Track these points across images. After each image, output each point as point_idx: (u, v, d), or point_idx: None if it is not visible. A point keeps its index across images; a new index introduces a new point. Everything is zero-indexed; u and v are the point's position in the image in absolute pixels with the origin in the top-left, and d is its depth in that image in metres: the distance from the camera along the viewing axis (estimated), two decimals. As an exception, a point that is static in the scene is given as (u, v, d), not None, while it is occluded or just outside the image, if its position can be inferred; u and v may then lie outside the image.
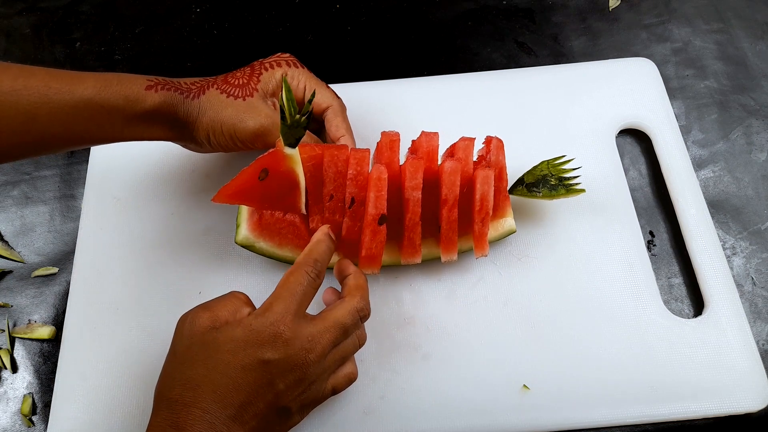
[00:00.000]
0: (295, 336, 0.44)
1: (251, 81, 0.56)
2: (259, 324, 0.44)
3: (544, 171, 0.59)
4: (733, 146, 0.69)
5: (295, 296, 0.46)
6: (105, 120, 0.51)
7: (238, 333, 0.44)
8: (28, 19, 0.80)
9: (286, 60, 0.58)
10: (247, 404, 0.42)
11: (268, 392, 0.43)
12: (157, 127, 0.53)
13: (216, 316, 0.45)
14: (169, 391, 0.43)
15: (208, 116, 0.54)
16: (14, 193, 0.68)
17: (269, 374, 0.43)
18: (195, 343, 0.44)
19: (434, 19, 0.79)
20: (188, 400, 0.41)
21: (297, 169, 0.53)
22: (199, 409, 0.41)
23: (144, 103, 0.51)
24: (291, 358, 0.44)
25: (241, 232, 0.56)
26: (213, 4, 0.81)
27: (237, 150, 0.57)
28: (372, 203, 0.53)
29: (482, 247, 0.56)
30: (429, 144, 0.57)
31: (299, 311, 0.46)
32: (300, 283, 0.46)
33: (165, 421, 0.41)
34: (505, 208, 0.59)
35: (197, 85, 0.55)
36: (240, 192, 0.53)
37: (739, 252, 0.63)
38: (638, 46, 0.76)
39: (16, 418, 0.57)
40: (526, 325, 0.57)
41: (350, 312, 0.48)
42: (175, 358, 0.45)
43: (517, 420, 0.53)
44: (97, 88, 0.50)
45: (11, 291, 0.63)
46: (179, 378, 0.43)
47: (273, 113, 0.55)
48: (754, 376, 0.55)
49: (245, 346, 0.43)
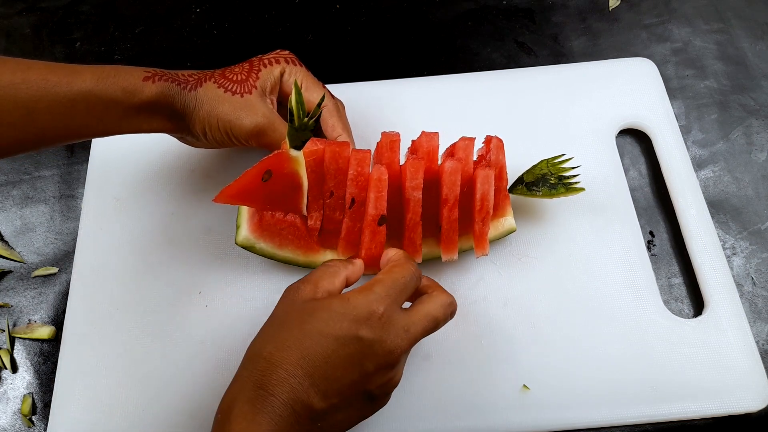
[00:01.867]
0: (391, 321, 0.45)
1: (250, 77, 0.55)
2: (358, 300, 0.44)
3: (544, 170, 0.59)
4: (733, 146, 0.69)
5: (396, 284, 0.46)
6: (103, 112, 0.51)
7: (336, 304, 0.44)
8: (28, 19, 0.80)
9: (285, 57, 0.58)
10: (333, 378, 0.42)
11: (357, 371, 0.43)
12: (155, 119, 0.53)
13: (316, 285, 0.46)
14: (261, 348, 0.43)
15: (205, 110, 0.54)
16: (14, 193, 0.68)
17: (361, 352, 0.43)
18: (295, 309, 0.45)
19: (434, 19, 0.79)
20: (276, 359, 0.42)
21: (300, 171, 0.54)
22: (285, 371, 0.41)
23: (141, 95, 0.51)
24: (385, 343, 0.44)
25: (241, 233, 0.56)
26: (213, 4, 0.81)
27: (232, 146, 0.57)
28: (372, 204, 0.53)
29: (483, 246, 0.56)
30: (429, 144, 0.57)
31: (398, 299, 0.46)
32: (404, 275, 0.47)
33: (251, 376, 0.42)
34: (505, 207, 0.59)
35: (194, 78, 0.54)
36: (242, 193, 0.53)
37: (739, 252, 0.63)
38: (638, 46, 0.76)
39: (16, 418, 0.57)
40: (526, 325, 0.57)
41: (443, 305, 0.48)
42: (273, 321, 0.46)
43: (517, 420, 0.53)
44: (94, 80, 0.50)
45: (11, 291, 0.63)
46: (272, 338, 0.44)
47: (270, 113, 0.55)
48: (754, 376, 0.55)
49: (341, 318, 0.43)
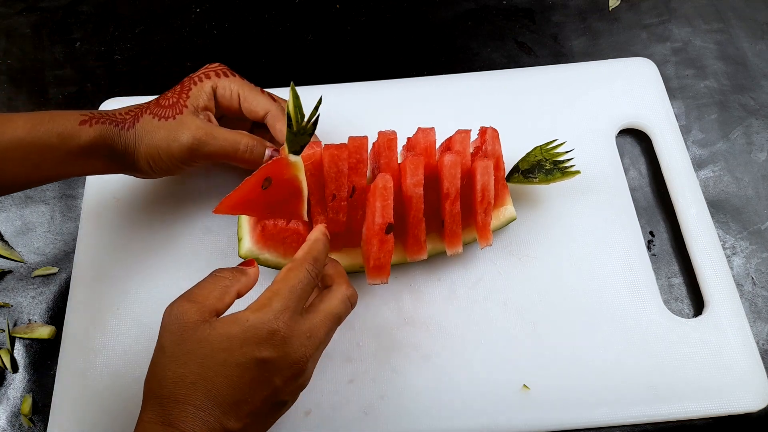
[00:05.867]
0: (292, 334, 0.44)
1: (180, 99, 0.55)
2: (256, 320, 0.43)
3: (538, 156, 0.60)
4: (733, 146, 0.69)
5: (294, 293, 0.45)
6: (39, 159, 0.50)
7: (234, 330, 0.42)
8: (28, 19, 0.80)
9: (215, 70, 0.58)
10: (242, 402, 0.42)
11: (265, 389, 0.43)
12: (95, 161, 0.53)
13: (203, 306, 0.44)
14: (160, 388, 0.42)
15: (145, 143, 0.53)
16: (14, 193, 0.68)
17: (266, 372, 0.43)
18: (186, 339, 0.42)
19: (434, 19, 0.79)
20: (181, 397, 0.41)
21: (300, 176, 0.53)
22: (193, 406, 0.40)
23: (78, 139, 0.51)
24: (289, 356, 0.43)
25: (244, 246, 0.56)
26: (213, 4, 0.81)
27: (181, 171, 0.56)
28: (379, 212, 0.52)
29: (486, 237, 0.56)
30: (426, 140, 0.57)
31: (297, 309, 0.45)
32: (300, 280, 0.46)
33: (156, 417, 0.41)
34: (505, 196, 0.59)
35: (131, 114, 0.54)
36: (242, 202, 0.52)
37: (739, 252, 0.63)
38: (638, 46, 0.76)
39: (16, 418, 0.57)
40: (526, 324, 0.57)
41: (342, 301, 0.48)
42: (164, 355, 0.43)
43: (517, 420, 0.53)
44: (27, 127, 0.50)
45: (11, 291, 0.63)
46: (171, 375, 0.42)
47: (205, 124, 0.55)
48: (754, 376, 0.55)
49: (242, 344, 0.42)
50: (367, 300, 0.58)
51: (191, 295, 0.45)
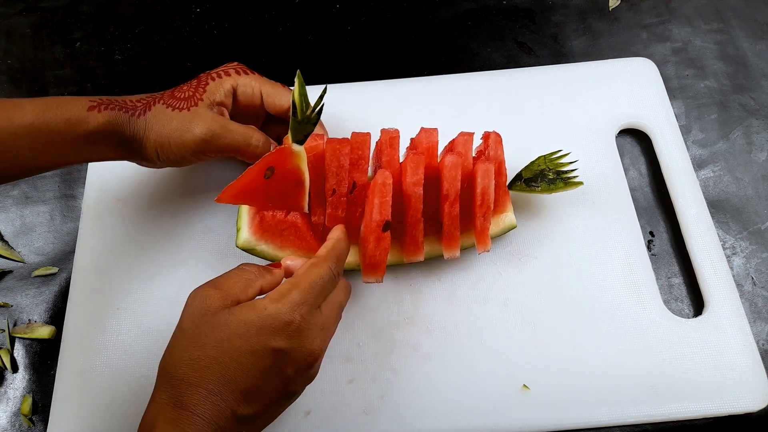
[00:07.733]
0: (308, 327, 0.44)
1: (197, 92, 0.55)
2: (274, 310, 0.43)
3: (542, 166, 0.59)
4: (733, 146, 0.69)
5: (314, 288, 0.46)
6: (47, 145, 0.50)
7: (252, 317, 0.43)
8: (28, 19, 0.80)
9: (235, 68, 0.58)
10: (254, 389, 0.43)
11: (278, 378, 0.44)
12: (103, 148, 0.53)
13: (227, 294, 0.45)
14: (175, 369, 0.42)
15: (155, 132, 0.53)
16: (14, 193, 0.68)
17: (280, 362, 0.43)
18: (206, 323, 0.43)
19: (434, 19, 0.79)
20: (194, 380, 0.41)
21: (303, 167, 0.53)
22: (205, 390, 0.41)
23: (87, 125, 0.51)
24: (304, 347, 0.44)
25: (242, 236, 0.56)
26: (213, 4, 0.81)
27: (189, 163, 0.56)
28: (377, 209, 0.52)
29: (485, 242, 0.56)
30: (428, 140, 0.56)
31: (315, 303, 0.46)
32: (321, 276, 0.46)
33: (169, 398, 0.42)
34: (505, 203, 0.59)
35: (143, 102, 0.54)
36: (245, 191, 0.52)
37: (739, 252, 0.63)
38: (638, 46, 0.76)
39: (16, 418, 0.57)
40: (526, 324, 0.57)
41: (345, 290, 0.50)
42: (183, 336, 0.44)
43: (517, 420, 0.53)
44: (36, 113, 0.50)
45: (11, 291, 0.63)
46: (187, 357, 0.42)
47: (220, 118, 0.55)
48: (754, 376, 0.55)
49: (258, 332, 0.43)
50: (368, 300, 0.58)
51: (217, 282, 0.46)
